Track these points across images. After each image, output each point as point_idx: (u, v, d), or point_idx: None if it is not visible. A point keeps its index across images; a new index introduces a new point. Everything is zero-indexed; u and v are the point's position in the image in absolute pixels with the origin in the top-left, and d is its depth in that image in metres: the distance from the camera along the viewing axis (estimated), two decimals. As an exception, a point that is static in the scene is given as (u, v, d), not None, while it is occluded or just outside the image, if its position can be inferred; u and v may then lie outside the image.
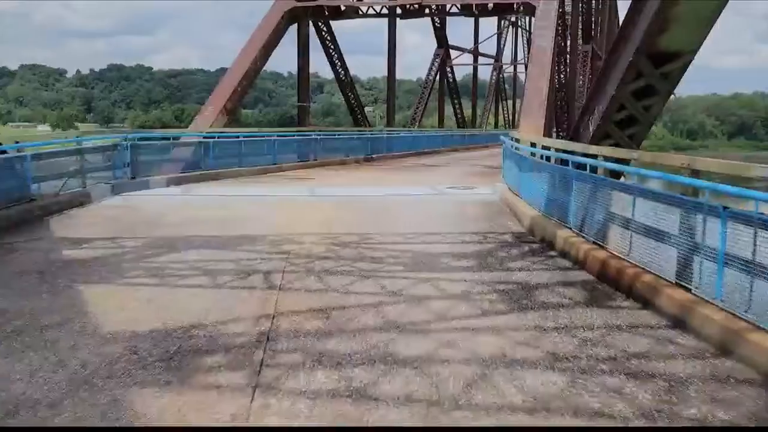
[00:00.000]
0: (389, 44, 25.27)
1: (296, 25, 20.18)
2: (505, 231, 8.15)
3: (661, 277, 4.97)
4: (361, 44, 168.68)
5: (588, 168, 6.51)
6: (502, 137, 13.52)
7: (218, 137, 15.27)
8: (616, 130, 8.27)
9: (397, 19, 24.47)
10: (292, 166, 17.97)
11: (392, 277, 5.85)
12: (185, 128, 19.86)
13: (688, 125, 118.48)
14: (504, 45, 49.61)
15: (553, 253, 6.87)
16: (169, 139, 14.39)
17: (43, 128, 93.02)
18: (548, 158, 8.07)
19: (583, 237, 6.46)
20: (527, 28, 56.10)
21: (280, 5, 18.84)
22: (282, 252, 6.86)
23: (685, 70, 7.61)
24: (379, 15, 22.91)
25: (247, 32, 19.92)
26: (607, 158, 6.32)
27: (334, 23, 22.93)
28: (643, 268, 5.21)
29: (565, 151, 7.21)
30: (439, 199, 11.41)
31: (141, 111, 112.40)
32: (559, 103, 26.24)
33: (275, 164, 17.23)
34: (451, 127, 41.88)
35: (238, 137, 16.18)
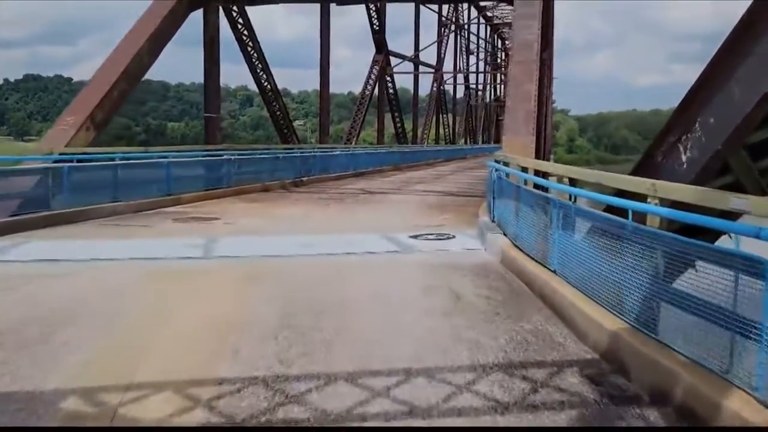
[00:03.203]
0: (322, 36, 21.03)
1: (202, 13, 15.83)
2: (559, 358, 4.20)
3: None
4: (292, 57, 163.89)
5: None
6: (488, 162, 9.73)
7: (78, 160, 10.70)
8: (745, 159, 4.60)
9: (332, 5, 20.32)
10: (196, 197, 13.54)
11: None
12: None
13: (612, 140, 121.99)
14: (444, 54, 46.55)
15: (721, 455, 2.97)
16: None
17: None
18: (640, 214, 4.19)
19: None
20: (468, 31, 53.65)
21: (175, -18, 14.26)
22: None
23: None
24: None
25: (178, 43, 15.42)
26: None
27: (257, 24, 18.70)
28: None
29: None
30: (406, 262, 7.37)
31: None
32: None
33: (171, 195, 12.78)
34: (388, 143, 38.24)
35: (113, 159, 11.63)
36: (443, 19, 45.24)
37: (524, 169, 7.25)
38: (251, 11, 18.36)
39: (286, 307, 5.31)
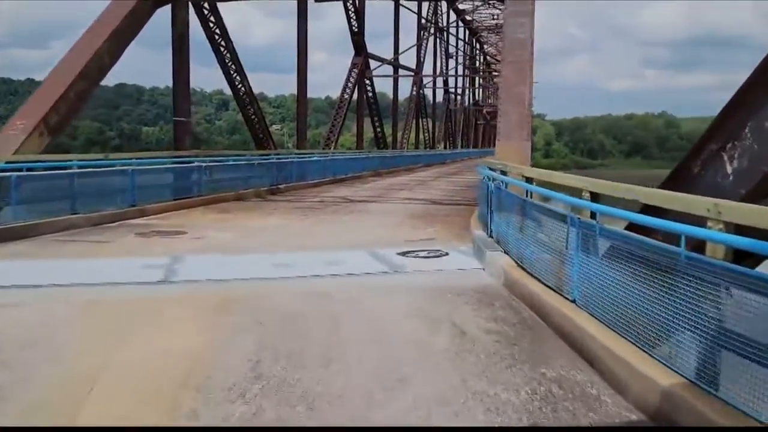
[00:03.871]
0: (299, 35, 20.09)
1: (170, 9, 14.82)
2: (598, 420, 3.36)
3: None
4: (268, 62, 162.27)
5: None
6: (480, 170, 8.94)
7: (29, 169, 9.67)
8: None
9: (309, 2, 19.50)
10: (163, 207, 12.54)
11: None
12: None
13: (588, 144, 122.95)
14: (424, 58, 45.88)
15: None
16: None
17: None
18: (696, 240, 3.44)
19: None
20: (448, 33, 53.16)
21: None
22: None
23: None
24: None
25: (152, 46, 14.40)
26: None
27: (232, 27, 17.76)
28: None
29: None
30: (397, 285, 6.53)
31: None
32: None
33: (135, 206, 11.78)
34: (368, 147, 37.45)
35: (69, 168, 10.60)
36: (423, 21, 44.62)
37: (529, 180, 6.48)
38: (224, 9, 17.42)
39: (257, 348, 4.42)
